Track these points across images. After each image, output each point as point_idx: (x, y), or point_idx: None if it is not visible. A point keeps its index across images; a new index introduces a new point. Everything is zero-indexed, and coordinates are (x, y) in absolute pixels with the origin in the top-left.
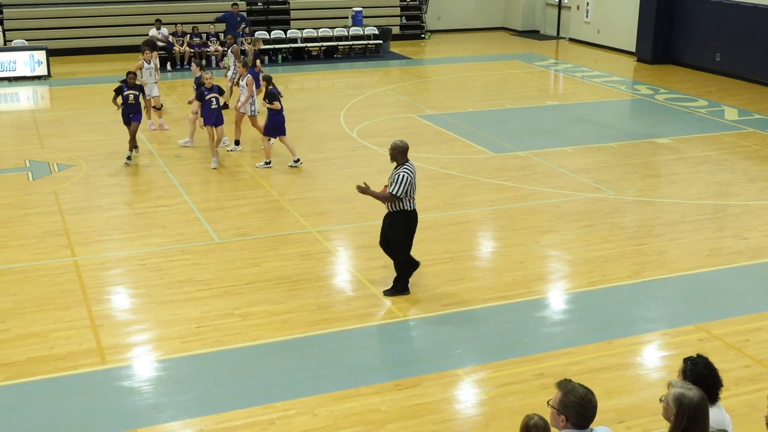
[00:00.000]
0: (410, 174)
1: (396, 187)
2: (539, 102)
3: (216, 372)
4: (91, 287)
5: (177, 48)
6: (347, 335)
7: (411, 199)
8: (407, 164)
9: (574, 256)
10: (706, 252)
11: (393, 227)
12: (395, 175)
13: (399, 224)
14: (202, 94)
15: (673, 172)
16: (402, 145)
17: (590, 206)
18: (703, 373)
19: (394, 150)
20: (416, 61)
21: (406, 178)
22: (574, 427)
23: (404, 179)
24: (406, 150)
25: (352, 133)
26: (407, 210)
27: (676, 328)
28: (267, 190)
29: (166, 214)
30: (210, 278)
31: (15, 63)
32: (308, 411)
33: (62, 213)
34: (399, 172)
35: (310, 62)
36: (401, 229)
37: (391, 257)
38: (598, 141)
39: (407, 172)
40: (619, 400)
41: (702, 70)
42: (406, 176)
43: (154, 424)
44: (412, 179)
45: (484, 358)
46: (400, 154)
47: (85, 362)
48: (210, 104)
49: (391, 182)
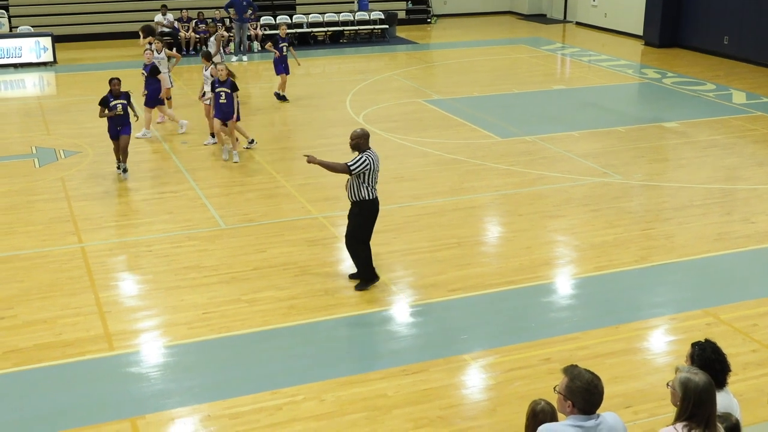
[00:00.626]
0: (371, 159)
1: (354, 163)
2: (546, 86)
3: (223, 358)
4: (98, 273)
5: (182, 34)
6: (354, 321)
7: (371, 187)
8: (369, 150)
9: (581, 241)
10: (714, 236)
11: (352, 216)
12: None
13: (357, 212)
14: (213, 86)
15: (680, 157)
16: (361, 133)
17: (597, 191)
18: (711, 357)
19: (357, 139)
20: (422, 46)
21: (364, 159)
22: (580, 412)
23: (362, 159)
24: (366, 137)
25: (358, 118)
26: (366, 199)
27: (683, 313)
28: (273, 175)
29: (172, 200)
30: (216, 264)
31: (21, 49)
32: (315, 396)
33: (69, 199)
34: (361, 155)
35: (316, 47)
36: (359, 217)
37: (351, 250)
38: (605, 125)
39: (368, 156)
40: (626, 386)
41: (710, 54)
42: (365, 157)
43: (162, 410)
44: (373, 165)
45: (491, 343)
46: (363, 142)
47: (92, 348)
48: (219, 98)
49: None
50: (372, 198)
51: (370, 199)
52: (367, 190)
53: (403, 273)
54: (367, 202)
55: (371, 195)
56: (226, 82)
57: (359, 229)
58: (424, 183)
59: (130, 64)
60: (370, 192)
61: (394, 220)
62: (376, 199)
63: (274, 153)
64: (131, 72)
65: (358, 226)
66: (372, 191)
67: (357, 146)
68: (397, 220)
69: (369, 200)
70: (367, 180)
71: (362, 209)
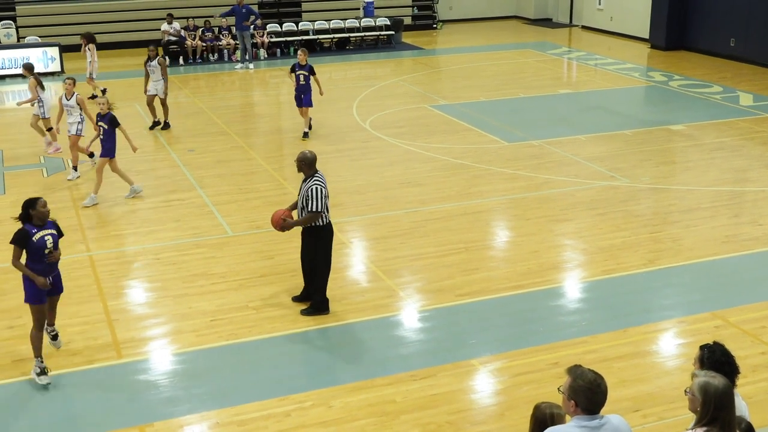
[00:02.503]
0: (322, 185)
1: (315, 203)
2: (552, 90)
3: (231, 365)
4: (106, 282)
5: (189, 42)
6: (361, 327)
7: (325, 214)
8: (317, 176)
9: (589, 245)
10: (722, 239)
11: (312, 248)
12: (307, 190)
13: (317, 242)
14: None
15: (687, 159)
16: (310, 156)
17: (604, 194)
18: (720, 360)
19: (301, 162)
20: (428, 52)
21: (320, 191)
22: (584, 412)
23: (319, 192)
24: (313, 161)
25: (364, 124)
26: (321, 225)
27: (692, 316)
28: (280, 182)
29: (179, 208)
30: (224, 271)
31: (28, 59)
32: (323, 402)
33: (77, 208)
34: (310, 186)
35: (322, 54)
36: (321, 246)
37: (312, 277)
38: (612, 129)
39: (319, 184)
40: (635, 389)
41: (716, 56)
42: (320, 188)
43: (170, 418)
44: (326, 191)
45: (499, 347)
46: (306, 166)
47: (100, 357)
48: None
49: (305, 199)
50: (326, 223)
51: (324, 225)
52: (322, 217)
53: (411, 278)
54: (322, 228)
55: (325, 221)
56: (106, 117)
57: (323, 259)
58: (430, 188)
59: (138, 73)
60: (323, 218)
61: (401, 226)
62: (329, 224)
63: (281, 160)
64: (139, 81)
65: (322, 256)
66: (325, 217)
67: (300, 169)
68: (404, 226)
69: (323, 226)
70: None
71: (319, 236)
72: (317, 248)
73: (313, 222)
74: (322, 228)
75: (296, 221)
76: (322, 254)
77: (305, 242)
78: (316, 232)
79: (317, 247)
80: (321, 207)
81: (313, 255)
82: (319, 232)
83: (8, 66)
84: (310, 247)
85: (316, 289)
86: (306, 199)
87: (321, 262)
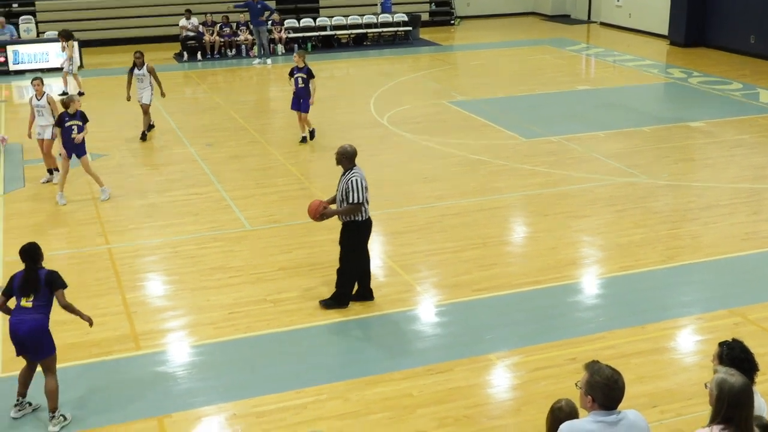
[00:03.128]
0: (362, 177)
1: (355, 195)
2: (570, 87)
3: (248, 357)
4: (125, 275)
5: (207, 37)
6: (379, 321)
7: (365, 208)
8: (356, 169)
9: (607, 241)
10: (741, 236)
11: (344, 239)
12: (346, 183)
13: (350, 235)
14: (62, 119)
15: (706, 156)
16: (350, 150)
17: (623, 191)
18: (739, 357)
19: (341, 155)
20: (446, 48)
21: (360, 182)
22: (601, 408)
23: (358, 183)
24: (353, 155)
25: (382, 120)
26: (359, 221)
27: (710, 313)
28: (297, 177)
29: (197, 202)
30: (242, 265)
31: (47, 54)
32: (340, 396)
33: (96, 202)
34: (350, 179)
35: (340, 50)
36: (353, 240)
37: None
38: (630, 125)
39: (358, 176)
40: (653, 385)
41: (736, 53)
42: (359, 179)
43: (188, 409)
44: (365, 183)
45: (517, 343)
46: (346, 160)
47: (119, 348)
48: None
49: (344, 192)
50: (364, 219)
51: (362, 220)
52: (361, 210)
53: (428, 273)
54: (360, 223)
55: (364, 215)
56: (77, 114)
57: (351, 252)
58: (448, 184)
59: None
60: (362, 212)
61: (418, 221)
62: (369, 219)
63: (298, 155)
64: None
65: (351, 250)
66: (365, 211)
67: (339, 162)
68: (421, 221)
69: (361, 221)
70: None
71: (356, 231)
72: (351, 242)
73: (353, 215)
74: (362, 222)
75: (336, 210)
76: (356, 249)
77: (343, 236)
78: (353, 226)
79: (351, 241)
80: (361, 198)
81: (344, 249)
82: (358, 227)
83: (27, 61)
84: (343, 240)
85: (340, 282)
86: (345, 192)
87: (352, 256)
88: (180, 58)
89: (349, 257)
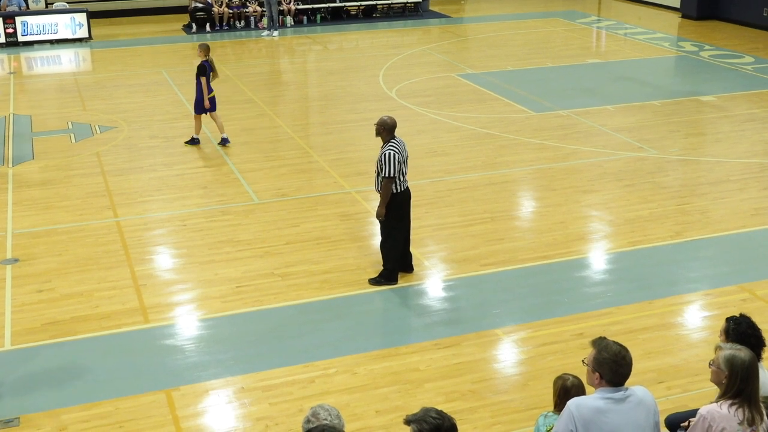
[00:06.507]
0: (397, 152)
1: (386, 169)
2: (581, 60)
3: (256, 331)
4: (133, 248)
5: (216, 9)
6: (386, 295)
7: (400, 180)
8: (394, 141)
9: (616, 216)
10: (751, 212)
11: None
12: (381, 156)
13: (388, 209)
14: None
15: (717, 131)
16: (390, 122)
17: (632, 165)
18: (746, 332)
19: (381, 126)
20: (456, 20)
21: (393, 156)
22: (608, 384)
23: (392, 157)
24: (393, 127)
25: (391, 93)
26: (395, 193)
27: (718, 289)
28: (306, 150)
29: (206, 175)
30: (250, 238)
31: (56, 26)
32: (347, 370)
33: (104, 174)
34: (384, 152)
35: (349, 22)
36: (391, 212)
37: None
38: (640, 99)
39: (393, 151)
40: (660, 361)
41: (748, 26)
42: (393, 154)
43: (196, 382)
44: (401, 156)
45: (524, 317)
46: (386, 131)
47: (128, 321)
48: None
49: (379, 165)
50: (402, 190)
51: (399, 192)
52: (397, 183)
53: (436, 248)
54: (397, 195)
55: (400, 188)
56: None
57: (391, 226)
58: (457, 158)
59: (165, 40)
60: (399, 185)
61: (426, 195)
62: (406, 190)
63: (307, 128)
64: (166, 48)
65: (390, 223)
66: (401, 184)
67: (378, 133)
68: (430, 195)
69: (398, 193)
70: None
71: (393, 204)
72: (389, 214)
73: (391, 190)
74: (398, 194)
75: (380, 202)
76: (395, 221)
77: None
78: (390, 199)
79: (390, 213)
80: (393, 172)
81: (383, 223)
82: (395, 198)
83: (36, 32)
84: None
85: (385, 257)
86: (380, 165)
87: (392, 228)
88: (189, 30)
89: (389, 230)
